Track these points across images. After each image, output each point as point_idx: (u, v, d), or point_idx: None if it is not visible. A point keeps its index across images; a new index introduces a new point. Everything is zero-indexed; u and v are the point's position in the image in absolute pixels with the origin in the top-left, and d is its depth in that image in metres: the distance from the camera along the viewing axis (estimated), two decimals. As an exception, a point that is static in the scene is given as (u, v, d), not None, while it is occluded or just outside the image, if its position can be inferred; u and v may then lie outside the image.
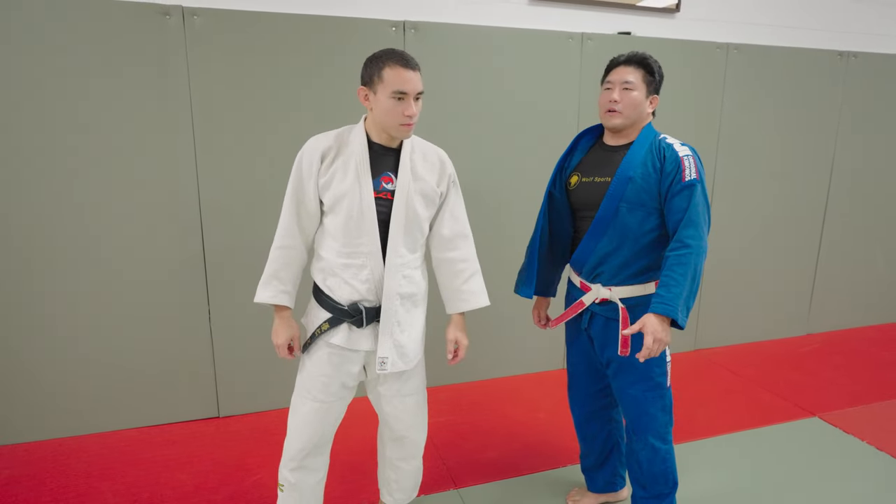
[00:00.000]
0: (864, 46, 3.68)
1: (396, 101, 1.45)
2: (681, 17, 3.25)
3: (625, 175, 1.64)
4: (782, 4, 3.48)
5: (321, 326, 1.59)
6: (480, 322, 2.97)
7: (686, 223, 1.55)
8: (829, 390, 2.93)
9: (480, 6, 2.89)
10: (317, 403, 1.63)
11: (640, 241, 1.65)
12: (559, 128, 2.87)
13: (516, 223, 2.89)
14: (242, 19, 2.34)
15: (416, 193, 1.58)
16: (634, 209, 1.64)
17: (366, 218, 1.52)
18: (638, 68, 1.66)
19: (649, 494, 1.80)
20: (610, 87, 1.68)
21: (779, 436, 2.51)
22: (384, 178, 1.56)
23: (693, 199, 1.56)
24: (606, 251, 1.69)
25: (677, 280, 1.51)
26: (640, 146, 1.66)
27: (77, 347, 2.40)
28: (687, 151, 1.62)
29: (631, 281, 1.69)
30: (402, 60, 1.45)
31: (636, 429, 1.77)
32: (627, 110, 1.66)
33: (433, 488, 2.13)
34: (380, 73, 1.45)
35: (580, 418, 1.99)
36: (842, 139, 3.48)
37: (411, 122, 1.49)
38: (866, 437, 2.48)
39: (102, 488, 2.11)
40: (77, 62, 2.19)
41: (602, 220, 1.67)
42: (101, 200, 2.32)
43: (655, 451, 1.76)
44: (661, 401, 1.74)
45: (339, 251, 1.56)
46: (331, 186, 1.53)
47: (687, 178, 1.57)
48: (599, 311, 1.75)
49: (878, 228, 3.75)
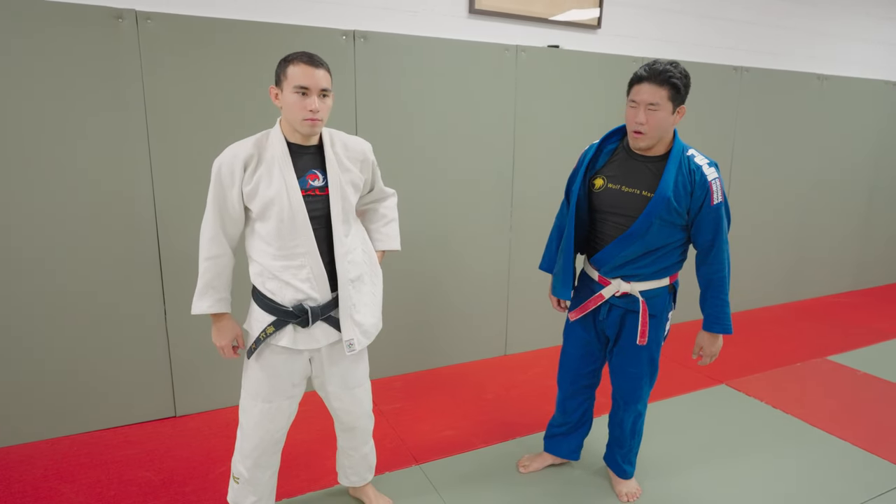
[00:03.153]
0: (755, 62, 4.22)
1: (300, 96, 1.49)
2: (602, 33, 3.60)
3: (663, 195, 1.72)
4: (687, 24, 3.92)
5: (266, 330, 1.62)
6: (428, 315, 3.16)
7: (719, 246, 1.80)
8: (733, 362, 3.35)
9: (426, 18, 3.08)
10: (267, 405, 1.67)
11: (663, 249, 1.84)
12: (497, 132, 3.11)
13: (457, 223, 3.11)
14: (196, 24, 2.39)
15: (347, 184, 1.65)
16: (665, 226, 1.78)
17: (298, 219, 1.56)
18: (663, 86, 1.63)
19: (625, 450, 2.10)
20: (635, 106, 1.69)
21: (694, 401, 2.87)
22: (309, 175, 1.59)
23: (721, 221, 1.78)
24: (632, 257, 1.85)
25: (725, 300, 1.84)
26: (672, 164, 1.73)
27: (26, 351, 2.35)
28: (714, 174, 1.74)
29: (650, 278, 1.87)
30: (306, 58, 1.51)
31: (627, 400, 2.02)
32: (654, 131, 1.70)
33: (396, 465, 2.29)
34: (285, 71, 1.51)
35: (566, 394, 2.16)
36: (738, 141, 3.97)
37: (314, 118, 1.52)
38: (765, 399, 2.89)
39: (63, 490, 2.10)
40: (26, 65, 2.17)
41: (634, 234, 1.78)
42: (53, 203, 2.30)
43: (639, 414, 2.05)
44: (651, 377, 2.00)
45: (274, 255, 1.59)
46: (257, 194, 1.55)
47: (715, 202, 1.74)
48: (618, 302, 1.92)
49: (773, 220, 4.29)
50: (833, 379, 3.15)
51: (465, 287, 3.21)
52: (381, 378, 3.05)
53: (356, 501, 2.07)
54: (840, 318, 4.18)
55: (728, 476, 2.26)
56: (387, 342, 3.02)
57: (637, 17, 3.71)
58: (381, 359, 3.00)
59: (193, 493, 2.10)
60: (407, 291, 3.05)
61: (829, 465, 2.34)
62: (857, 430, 2.59)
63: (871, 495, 2.16)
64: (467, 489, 2.15)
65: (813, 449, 2.46)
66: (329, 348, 1.72)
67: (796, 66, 4.44)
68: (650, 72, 1.64)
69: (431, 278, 3.11)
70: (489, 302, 3.31)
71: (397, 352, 3.10)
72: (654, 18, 3.78)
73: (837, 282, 4.81)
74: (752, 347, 3.60)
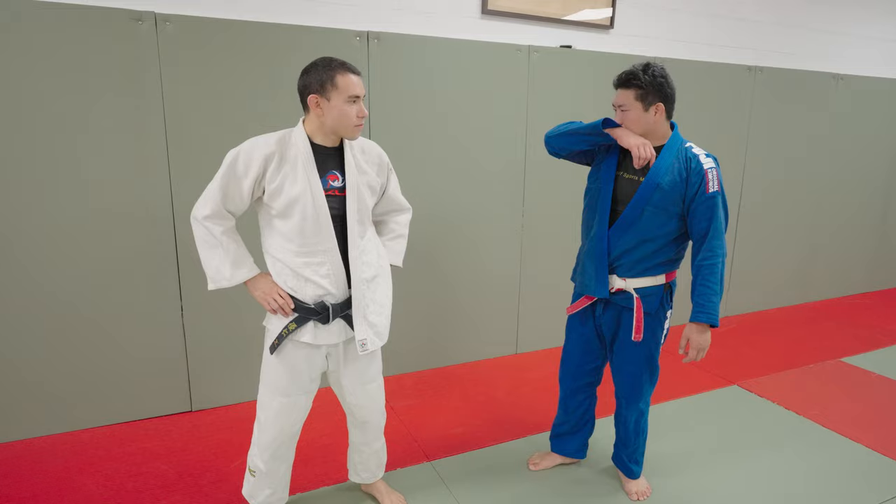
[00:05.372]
0: (769, 62, 4.19)
1: (352, 104, 1.57)
2: (614, 33, 3.60)
3: (653, 181, 1.78)
4: (700, 24, 3.91)
5: (288, 326, 1.66)
6: (439, 314, 3.19)
7: (713, 234, 1.77)
8: (746, 363, 3.34)
9: (438, 18, 3.10)
10: (286, 399, 1.72)
11: (659, 241, 1.84)
12: (509, 133, 3.13)
13: (469, 223, 3.13)
14: (214, 26, 2.43)
15: (364, 186, 1.70)
16: (658, 213, 1.80)
17: (321, 217, 1.61)
18: (627, 88, 1.78)
19: (630, 450, 2.11)
20: (615, 110, 1.84)
21: (705, 401, 2.87)
22: (330, 176, 1.64)
23: (716, 210, 1.76)
24: (627, 247, 1.86)
25: (714, 289, 1.77)
26: (668, 152, 1.80)
27: (47, 345, 2.42)
28: (711, 164, 1.77)
29: (645, 273, 1.88)
30: (351, 68, 1.58)
31: (629, 399, 2.03)
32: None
33: (407, 462, 2.32)
34: (333, 81, 1.55)
35: (567, 392, 2.18)
36: (752, 142, 3.94)
37: (363, 123, 1.62)
38: (777, 400, 2.88)
39: (83, 481, 2.15)
40: (46, 67, 2.22)
41: (626, 219, 1.82)
42: (75, 201, 2.35)
43: (641, 413, 2.06)
44: (652, 376, 2.01)
45: (296, 251, 1.63)
46: (282, 192, 1.58)
47: (710, 190, 1.75)
48: (614, 299, 1.93)
49: (785, 222, 4.26)
50: (847, 381, 3.13)
51: (476, 286, 3.23)
52: (393, 375, 3.08)
53: (368, 497, 2.10)
54: (854, 320, 4.14)
55: (739, 477, 2.26)
56: (399, 341, 3.04)
57: (650, 17, 3.71)
58: (393, 357, 3.03)
59: (209, 486, 2.14)
60: (419, 290, 3.07)
61: (842, 468, 2.33)
62: (872, 433, 2.58)
63: (885, 498, 2.15)
64: (478, 486, 2.18)
65: (826, 451, 2.45)
66: (345, 345, 1.76)
67: (811, 65, 4.40)
68: (617, 78, 1.82)
69: (443, 278, 3.14)
70: (500, 301, 3.33)
71: (409, 350, 3.13)
72: (667, 18, 3.78)
73: (851, 283, 4.76)
74: (765, 348, 3.58)
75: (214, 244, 1.64)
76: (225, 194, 1.61)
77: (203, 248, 1.65)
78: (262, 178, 1.60)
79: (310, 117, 1.63)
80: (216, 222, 1.63)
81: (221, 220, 1.64)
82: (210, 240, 1.64)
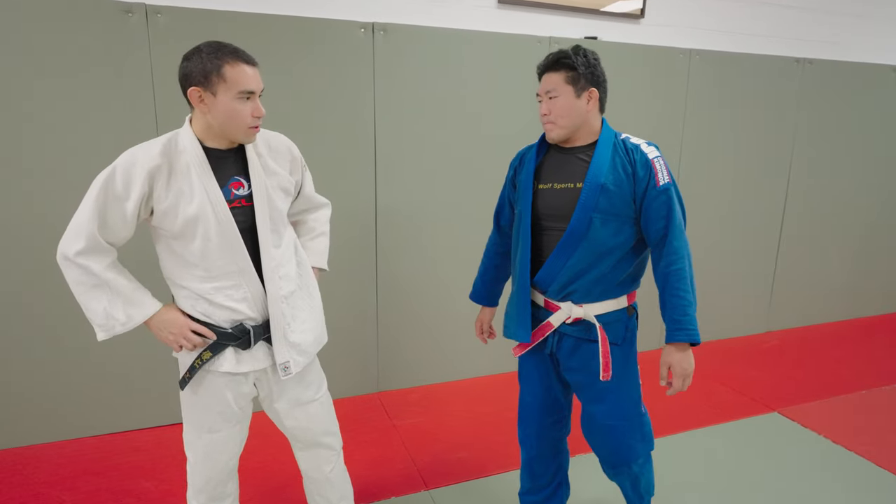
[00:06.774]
0: (819, 54, 3.84)
1: (244, 101, 1.31)
2: (645, 24, 3.33)
3: (595, 182, 1.49)
4: (741, 12, 3.59)
5: (202, 356, 1.41)
6: (447, 326, 2.99)
7: (672, 233, 1.49)
8: (787, 386, 3.03)
9: (449, 8, 2.91)
10: (214, 435, 1.47)
11: (615, 253, 1.53)
12: (526, 131, 2.90)
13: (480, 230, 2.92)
14: (208, 18, 2.31)
15: (276, 190, 1.45)
16: (608, 220, 1.50)
17: (227, 236, 1.36)
18: (557, 71, 1.51)
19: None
20: (540, 98, 1.56)
21: (740, 431, 2.59)
22: (233, 184, 1.38)
23: (672, 205, 1.49)
24: (579, 268, 1.54)
25: (687, 299, 1.47)
26: (604, 148, 1.52)
27: (32, 352, 2.33)
28: (655, 152, 1.52)
29: (604, 296, 1.57)
30: (244, 57, 1.32)
31: (615, 463, 1.66)
32: (562, 119, 1.52)
33: (404, 490, 2.13)
34: (220, 72, 1.29)
35: (530, 455, 1.80)
36: (799, 141, 3.61)
37: (259, 125, 1.36)
38: (823, 431, 2.58)
39: (63, 499, 2.05)
40: (34, 59, 2.13)
41: (573, 235, 1.51)
42: (61, 199, 2.26)
43: (636, 476, 1.68)
44: (641, 429, 1.63)
45: (202, 277, 1.38)
46: (177, 212, 1.32)
47: (661, 183, 1.49)
48: (570, 331, 1.60)
49: (834, 228, 3.90)
50: (904, 410, 2.80)
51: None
52: (395, 390, 2.91)
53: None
54: (913, 339, 3.76)
55: (776, 522, 2.00)
56: (403, 352, 2.87)
57: (684, 5, 3.42)
58: (396, 370, 2.86)
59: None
60: (425, 300, 2.89)
61: (898, 515, 2.04)
62: (933, 474, 2.26)
63: (950, 555, 1.85)
64: (478, 521, 1.97)
65: (877, 494, 2.15)
66: (272, 368, 1.51)
67: (866, 57, 4.02)
68: (544, 61, 1.56)
69: (450, 287, 2.95)
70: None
71: (415, 361, 2.95)
72: (704, 5, 3.48)
73: (910, 297, 4.34)
74: (809, 370, 3.25)
75: (96, 284, 1.33)
76: (102, 222, 1.31)
77: (81, 292, 1.34)
78: (150, 197, 1.32)
79: (196, 115, 1.37)
80: (93, 259, 1.32)
81: (99, 256, 1.33)
82: (88, 280, 1.33)
